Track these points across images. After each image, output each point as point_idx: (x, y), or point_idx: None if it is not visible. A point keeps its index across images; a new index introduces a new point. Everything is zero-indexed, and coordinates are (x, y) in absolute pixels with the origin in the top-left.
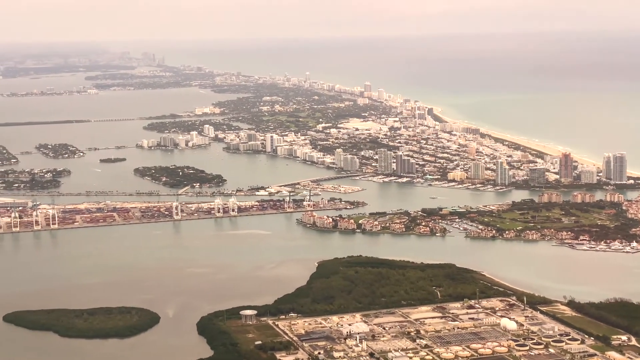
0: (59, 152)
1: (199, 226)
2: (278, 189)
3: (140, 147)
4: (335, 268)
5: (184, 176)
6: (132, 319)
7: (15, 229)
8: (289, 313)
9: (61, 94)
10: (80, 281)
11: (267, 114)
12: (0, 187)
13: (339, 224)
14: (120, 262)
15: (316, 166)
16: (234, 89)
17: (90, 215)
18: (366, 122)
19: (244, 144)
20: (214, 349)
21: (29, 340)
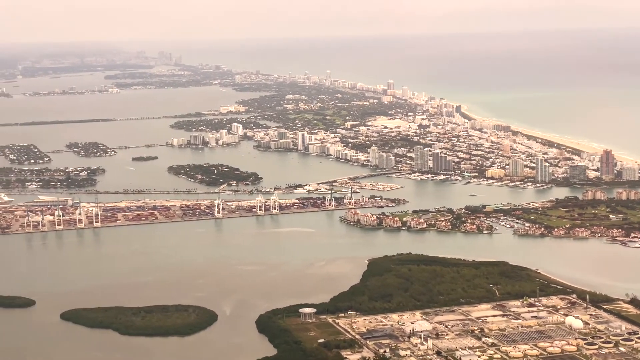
0: (90, 151)
1: (241, 224)
2: (316, 187)
3: (171, 146)
4: (387, 266)
5: (219, 174)
6: (189, 317)
7: (59, 227)
8: (348, 311)
9: (83, 93)
10: (132, 279)
11: (292, 112)
12: (37, 186)
13: (383, 222)
14: (169, 260)
15: (350, 164)
16: (255, 88)
17: (131, 213)
18: (393, 119)
19: (274, 142)
20: (277, 347)
21: (90, 338)
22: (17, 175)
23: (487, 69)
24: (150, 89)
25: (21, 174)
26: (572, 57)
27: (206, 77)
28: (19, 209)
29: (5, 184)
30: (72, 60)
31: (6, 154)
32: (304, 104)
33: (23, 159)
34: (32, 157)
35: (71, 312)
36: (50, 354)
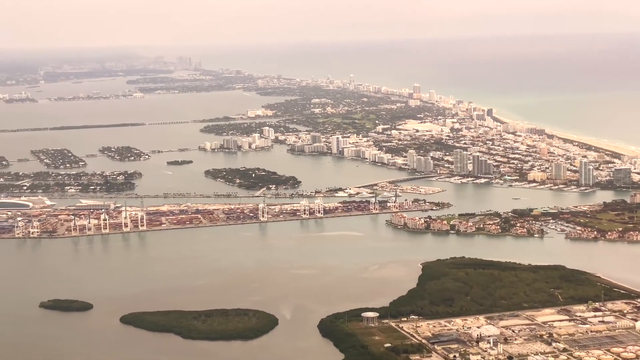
0: (124, 155)
1: (286, 228)
2: (357, 191)
3: (203, 150)
4: (443, 270)
5: (257, 178)
6: (250, 321)
7: (105, 231)
8: (410, 315)
9: (107, 97)
10: (186, 283)
11: (320, 116)
12: (76, 190)
13: (431, 225)
14: (220, 264)
15: (387, 167)
16: (278, 92)
17: (175, 217)
18: (424, 123)
19: (308, 146)
20: (343, 351)
21: (153, 342)
22: (55, 179)
23: (509, 73)
24: (173, 93)
25: (59, 178)
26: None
27: (228, 82)
28: (62, 212)
29: (44, 188)
30: (92, 65)
31: (41, 159)
32: (331, 108)
33: (58, 163)
34: (67, 161)
35: (131, 316)
36: (115, 358)
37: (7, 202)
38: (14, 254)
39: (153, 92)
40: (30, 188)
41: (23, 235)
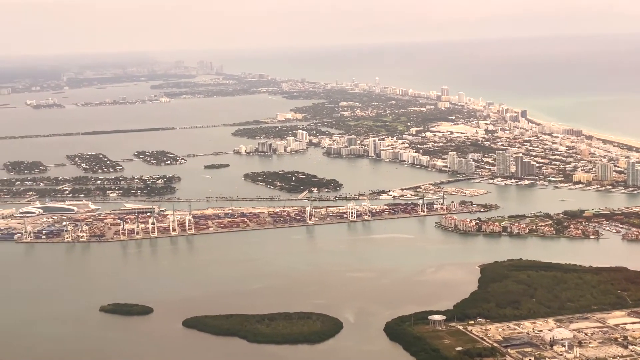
0: (160, 159)
1: (335, 230)
2: (402, 193)
3: (238, 153)
4: (502, 272)
5: (297, 181)
6: (315, 325)
7: (153, 235)
8: (477, 318)
9: (134, 102)
10: (243, 286)
11: (350, 119)
12: (117, 194)
13: (483, 227)
14: (273, 267)
15: (426, 170)
16: (304, 95)
17: (221, 220)
18: (456, 125)
19: (344, 149)
20: (414, 355)
21: (219, 346)
22: (95, 183)
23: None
24: (199, 97)
25: (98, 183)
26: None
27: (252, 86)
28: (107, 216)
29: (86, 193)
30: (113, 71)
31: (77, 163)
32: (360, 111)
33: (96, 167)
34: (104, 165)
35: (194, 320)
36: None
37: (52, 207)
38: (67, 258)
39: (178, 96)
40: (72, 192)
41: (72, 240)
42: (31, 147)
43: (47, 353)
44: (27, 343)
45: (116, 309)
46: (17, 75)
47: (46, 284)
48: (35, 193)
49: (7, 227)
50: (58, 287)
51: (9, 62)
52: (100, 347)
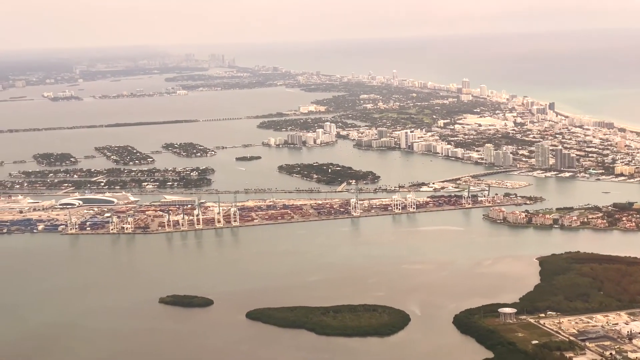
0: (190, 151)
1: (380, 222)
2: (442, 185)
3: (267, 145)
4: (562, 265)
5: (333, 173)
6: (382, 317)
7: (198, 227)
8: (547, 311)
9: (151, 95)
10: (301, 279)
11: (374, 111)
12: (153, 186)
13: (533, 220)
14: (328, 259)
15: (461, 162)
16: (322, 88)
17: (265, 212)
18: (483, 117)
19: (375, 141)
20: (490, 348)
21: (287, 338)
22: (129, 175)
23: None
24: (216, 90)
25: (132, 174)
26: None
27: (267, 79)
28: (148, 208)
29: (121, 185)
30: (125, 63)
31: (107, 155)
32: (382, 104)
33: (126, 159)
34: (134, 157)
35: (257, 312)
36: (252, 354)
37: (92, 198)
38: (116, 249)
39: (195, 89)
40: (107, 184)
41: (117, 231)
42: (57, 139)
43: (112, 345)
44: (89, 335)
45: (176, 301)
46: (29, 68)
47: (101, 275)
48: (71, 185)
49: (50, 219)
50: (113, 278)
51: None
52: (165, 339)
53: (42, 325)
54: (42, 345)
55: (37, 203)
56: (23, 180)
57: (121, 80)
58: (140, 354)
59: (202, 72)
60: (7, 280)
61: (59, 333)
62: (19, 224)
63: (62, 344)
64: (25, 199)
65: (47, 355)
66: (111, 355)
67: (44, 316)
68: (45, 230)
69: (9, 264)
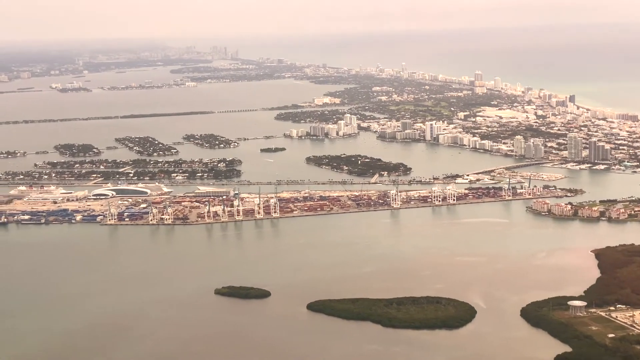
0: (212, 143)
1: (421, 214)
2: (477, 177)
3: (289, 137)
4: (620, 257)
5: (364, 165)
6: (447, 310)
7: (238, 218)
8: (616, 304)
9: (160, 87)
10: (354, 270)
11: (389, 103)
12: (183, 177)
13: (579, 212)
14: (378, 250)
15: (490, 154)
16: (331, 80)
17: (304, 203)
18: (501, 110)
19: (399, 133)
20: (566, 342)
21: (354, 330)
22: (156, 166)
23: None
24: (225, 82)
25: (159, 165)
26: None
27: (273, 71)
28: (183, 199)
29: (150, 175)
30: (126, 56)
31: (129, 146)
32: (397, 96)
33: (150, 150)
34: (157, 149)
35: (318, 304)
36: (321, 346)
37: (125, 189)
38: (159, 240)
39: (203, 81)
40: (136, 175)
41: (157, 222)
42: (75, 130)
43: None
44: (153, 325)
45: (233, 292)
46: (31, 60)
47: (152, 266)
48: (100, 175)
49: (86, 209)
50: (166, 269)
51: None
52: (228, 330)
53: (106, 315)
54: (109, 335)
55: (70, 193)
56: (50, 171)
57: (126, 72)
58: (206, 345)
59: (206, 64)
60: (62, 270)
61: (123, 323)
62: (55, 214)
63: (127, 334)
64: (57, 190)
65: (115, 344)
66: (179, 345)
67: (107, 306)
68: (83, 220)
69: (59, 254)
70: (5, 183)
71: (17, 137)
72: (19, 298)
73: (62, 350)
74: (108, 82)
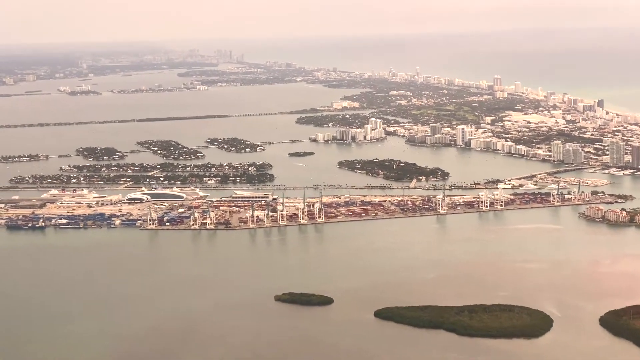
0: (238, 147)
1: (469, 220)
2: (519, 182)
3: (315, 141)
4: None
5: (399, 169)
6: (522, 318)
7: (282, 223)
8: None
9: (171, 90)
10: (416, 276)
11: (410, 107)
12: (215, 181)
13: (635, 218)
14: (436, 256)
15: (526, 159)
16: (345, 84)
17: (348, 208)
18: (527, 114)
19: (429, 137)
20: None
21: (429, 339)
22: (184, 170)
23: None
24: (235, 85)
25: (188, 169)
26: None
27: (284, 75)
28: (221, 204)
29: (182, 179)
30: (129, 59)
31: (153, 150)
32: (416, 100)
33: (175, 154)
34: (183, 152)
35: (387, 311)
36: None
37: (161, 193)
38: (205, 245)
39: (213, 84)
40: (167, 179)
41: (199, 227)
42: (93, 133)
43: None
44: (219, 332)
45: (294, 299)
46: (35, 63)
47: (205, 271)
48: (129, 179)
49: (124, 214)
50: (220, 275)
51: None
52: (297, 336)
53: (169, 319)
54: (176, 339)
55: (104, 197)
56: (78, 174)
57: (132, 75)
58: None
59: (212, 67)
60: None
61: (189, 327)
62: (93, 219)
63: (195, 338)
64: (90, 194)
65: (185, 349)
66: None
67: (168, 309)
68: (122, 225)
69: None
70: (34, 187)
71: (36, 141)
72: (76, 302)
73: (131, 355)
74: (116, 85)
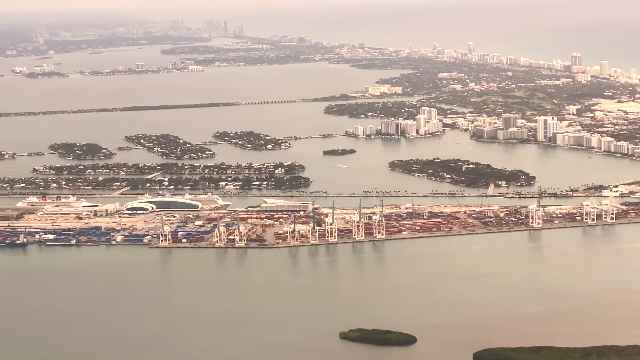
0: (255, 143)
1: (572, 236)
2: (630, 189)
3: (354, 135)
4: None
5: (469, 172)
6: None
7: (332, 239)
8: None
9: (156, 71)
10: (519, 309)
11: (468, 94)
12: (235, 187)
13: None
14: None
15: (631, 159)
16: (378, 65)
17: (413, 221)
18: (621, 102)
19: (502, 131)
20: None
21: None
22: (192, 172)
23: None
24: (238, 65)
25: (197, 171)
26: None
27: (298, 52)
28: (249, 215)
29: (192, 185)
30: (95, 31)
31: (147, 147)
32: (474, 84)
33: (177, 152)
34: (186, 150)
35: (490, 353)
36: None
37: (170, 202)
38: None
39: (210, 64)
40: (172, 184)
41: (225, 245)
42: (67, 125)
43: None
44: None
45: (365, 337)
46: None
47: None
48: (125, 184)
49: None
50: (261, 307)
51: None
52: None
53: None
54: None
55: (96, 207)
56: (58, 178)
57: (103, 52)
58: None
59: (204, 43)
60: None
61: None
62: (88, 234)
63: None
64: (79, 202)
65: None
66: None
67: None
68: (125, 241)
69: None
70: (4, 193)
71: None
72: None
73: None
74: (84, 65)
